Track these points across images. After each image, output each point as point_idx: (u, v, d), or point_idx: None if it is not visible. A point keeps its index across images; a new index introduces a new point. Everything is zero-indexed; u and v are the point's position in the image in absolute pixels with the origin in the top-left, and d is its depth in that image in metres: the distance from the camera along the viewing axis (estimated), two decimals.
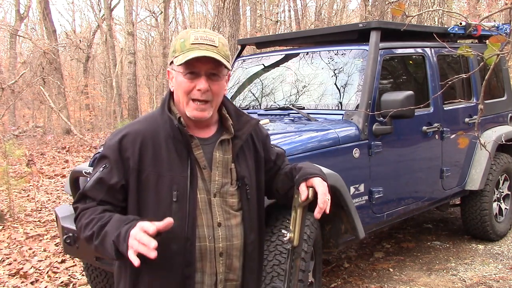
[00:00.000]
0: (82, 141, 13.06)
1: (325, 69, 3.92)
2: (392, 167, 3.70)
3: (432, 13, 7.63)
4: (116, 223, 1.49)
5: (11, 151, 6.66)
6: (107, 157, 1.60)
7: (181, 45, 1.57)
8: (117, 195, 1.59)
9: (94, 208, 1.57)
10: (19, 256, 4.72)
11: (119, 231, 1.45)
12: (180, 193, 1.55)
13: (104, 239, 1.49)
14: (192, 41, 1.55)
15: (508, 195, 4.88)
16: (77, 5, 48.23)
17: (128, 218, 1.51)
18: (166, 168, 1.57)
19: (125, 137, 1.60)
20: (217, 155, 1.64)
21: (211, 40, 1.56)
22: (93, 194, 1.59)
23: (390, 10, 9.85)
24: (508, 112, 5.04)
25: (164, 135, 1.60)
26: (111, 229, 1.48)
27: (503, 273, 4.01)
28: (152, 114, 1.70)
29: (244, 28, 20.17)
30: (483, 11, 15.64)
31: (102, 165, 1.60)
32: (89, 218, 1.55)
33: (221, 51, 1.56)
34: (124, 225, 1.46)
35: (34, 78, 13.89)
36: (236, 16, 7.74)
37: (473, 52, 2.09)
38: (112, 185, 1.57)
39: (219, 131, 1.67)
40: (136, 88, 17.48)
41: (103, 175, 1.58)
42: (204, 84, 1.55)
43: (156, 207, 1.56)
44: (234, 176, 1.66)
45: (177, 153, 1.58)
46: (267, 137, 1.82)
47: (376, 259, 4.42)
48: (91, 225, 1.53)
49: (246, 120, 1.71)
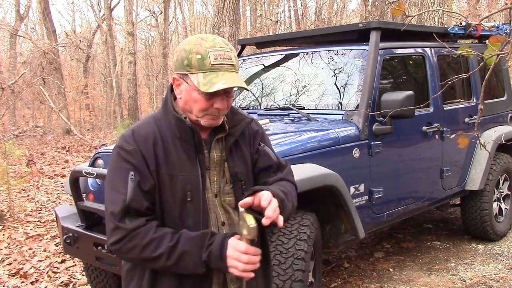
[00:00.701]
0: (82, 141, 13.06)
1: (325, 69, 3.92)
2: (392, 167, 3.70)
3: (432, 13, 7.63)
4: (193, 241, 1.51)
5: (11, 151, 6.66)
6: (130, 162, 1.56)
7: (198, 62, 1.52)
8: (153, 199, 1.58)
9: (145, 228, 1.53)
10: (19, 256, 4.72)
11: (208, 251, 1.49)
12: (194, 192, 1.57)
13: (182, 258, 1.50)
14: (212, 61, 1.52)
15: (508, 195, 4.88)
16: (77, 5, 48.28)
17: (204, 234, 1.53)
18: (178, 168, 1.57)
19: (137, 138, 1.58)
20: (214, 155, 1.65)
21: (229, 58, 1.54)
22: (137, 204, 1.54)
23: (390, 10, 9.84)
24: (508, 112, 5.04)
25: (171, 136, 1.60)
26: (189, 248, 1.50)
27: (503, 273, 4.01)
28: (154, 116, 1.68)
29: (244, 28, 20.17)
30: (483, 11, 15.64)
31: (131, 172, 1.55)
32: (146, 239, 1.51)
33: (236, 67, 1.57)
34: (209, 242, 1.50)
35: (34, 78, 13.89)
36: (236, 16, 7.74)
37: (473, 52, 2.09)
38: (148, 190, 1.55)
39: (214, 130, 1.68)
40: (136, 88, 17.48)
41: (138, 182, 1.54)
42: (223, 104, 1.57)
43: (172, 207, 1.57)
44: (227, 174, 1.66)
45: (186, 154, 1.59)
46: (256, 132, 1.79)
47: (376, 259, 4.42)
48: (152, 246, 1.51)
49: (241, 118, 1.72)
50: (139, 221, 1.53)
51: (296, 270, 2.71)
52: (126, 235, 1.52)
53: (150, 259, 1.52)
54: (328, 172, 3.01)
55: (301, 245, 2.77)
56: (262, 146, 1.80)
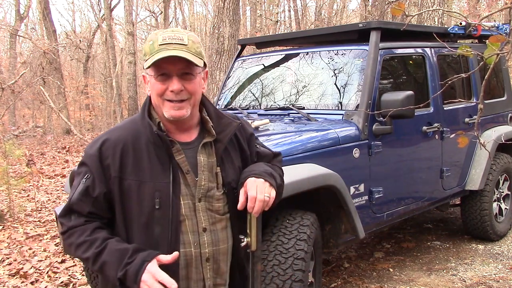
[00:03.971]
0: (82, 141, 13.05)
1: (325, 69, 3.92)
2: (392, 167, 3.70)
3: (432, 13, 7.63)
4: (114, 254, 1.49)
5: (11, 151, 6.65)
6: (88, 166, 1.56)
7: (150, 47, 1.52)
8: (102, 205, 1.56)
9: (83, 228, 1.54)
10: (19, 256, 4.72)
11: (124, 270, 1.46)
12: (163, 200, 1.53)
13: (103, 267, 1.50)
14: (160, 42, 1.51)
15: (508, 195, 4.88)
16: (77, 5, 48.23)
17: (126, 250, 1.49)
18: (148, 175, 1.54)
19: (104, 144, 1.56)
20: (202, 159, 1.60)
21: (179, 39, 1.51)
22: (79, 207, 1.55)
23: (390, 10, 9.87)
24: (508, 112, 5.04)
25: (145, 140, 1.56)
26: (110, 260, 1.48)
27: (503, 273, 4.01)
28: (132, 119, 1.65)
29: (244, 28, 20.17)
30: (483, 11, 15.63)
31: (84, 176, 1.56)
32: (80, 239, 1.53)
33: (191, 48, 1.51)
34: (128, 261, 1.47)
35: (34, 78, 13.89)
36: (236, 16, 7.74)
37: (473, 52, 2.09)
38: (96, 196, 1.54)
39: (201, 134, 1.64)
40: (136, 88, 17.44)
41: (87, 187, 1.55)
42: (176, 85, 1.51)
43: (139, 215, 1.54)
44: (220, 180, 1.62)
45: (159, 159, 1.55)
46: (251, 136, 1.77)
47: (376, 259, 4.42)
48: (83, 248, 1.52)
49: (227, 122, 1.66)
50: (79, 221, 1.55)
51: (296, 270, 2.71)
52: (66, 230, 1.56)
53: (82, 259, 1.57)
54: (328, 172, 3.01)
55: (301, 245, 2.77)
56: (259, 147, 1.79)
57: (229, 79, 4.59)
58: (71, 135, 14.69)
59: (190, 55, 1.50)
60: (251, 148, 1.76)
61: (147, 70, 1.55)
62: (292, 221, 2.87)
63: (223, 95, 4.50)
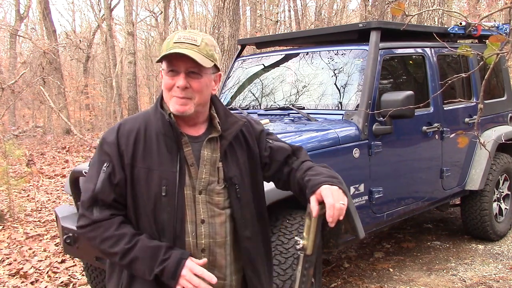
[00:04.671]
0: (82, 141, 13.06)
1: (325, 69, 3.92)
2: (392, 167, 3.70)
3: (432, 13, 7.63)
4: (147, 250, 1.55)
5: (11, 151, 6.66)
6: (108, 154, 1.62)
7: (166, 44, 1.61)
8: (123, 191, 1.62)
9: (109, 222, 1.59)
10: (19, 256, 4.72)
11: (162, 266, 1.52)
12: (169, 188, 1.59)
13: (133, 262, 1.55)
14: (175, 40, 1.59)
15: (508, 195, 4.88)
16: (77, 5, 48.21)
17: (159, 247, 1.55)
18: (156, 163, 1.60)
19: (120, 131, 1.64)
20: (205, 153, 1.66)
21: (193, 39, 1.59)
22: (104, 196, 1.60)
23: (390, 10, 9.88)
24: (508, 112, 5.04)
25: (156, 131, 1.64)
26: (142, 256, 1.54)
27: (503, 273, 4.01)
28: (146, 111, 1.74)
29: (244, 28, 20.17)
30: (483, 11, 15.63)
31: (104, 164, 1.62)
32: (107, 233, 1.58)
33: (202, 50, 1.58)
34: (164, 257, 1.53)
35: (34, 78, 13.88)
36: (236, 16, 7.74)
37: (473, 52, 2.09)
38: (117, 183, 1.60)
39: (208, 130, 1.70)
40: (136, 88, 17.46)
41: (109, 174, 1.61)
42: (182, 81, 1.58)
43: (146, 201, 1.60)
44: (221, 175, 1.67)
45: (167, 149, 1.62)
46: (261, 133, 1.81)
47: (376, 259, 4.42)
48: (110, 242, 1.57)
49: (234, 120, 1.72)
50: (104, 214, 1.60)
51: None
52: (90, 224, 1.60)
53: (106, 253, 1.60)
54: None
55: None
56: (272, 142, 1.82)
57: (229, 79, 4.60)
58: (71, 135, 14.69)
59: (199, 56, 1.56)
60: (261, 145, 1.79)
61: (163, 66, 1.63)
62: (292, 221, 2.88)
63: (223, 95, 4.50)
